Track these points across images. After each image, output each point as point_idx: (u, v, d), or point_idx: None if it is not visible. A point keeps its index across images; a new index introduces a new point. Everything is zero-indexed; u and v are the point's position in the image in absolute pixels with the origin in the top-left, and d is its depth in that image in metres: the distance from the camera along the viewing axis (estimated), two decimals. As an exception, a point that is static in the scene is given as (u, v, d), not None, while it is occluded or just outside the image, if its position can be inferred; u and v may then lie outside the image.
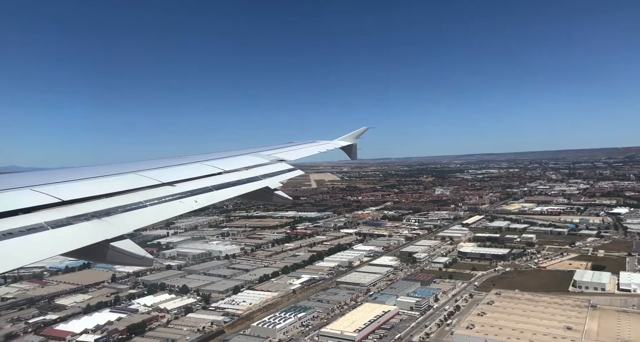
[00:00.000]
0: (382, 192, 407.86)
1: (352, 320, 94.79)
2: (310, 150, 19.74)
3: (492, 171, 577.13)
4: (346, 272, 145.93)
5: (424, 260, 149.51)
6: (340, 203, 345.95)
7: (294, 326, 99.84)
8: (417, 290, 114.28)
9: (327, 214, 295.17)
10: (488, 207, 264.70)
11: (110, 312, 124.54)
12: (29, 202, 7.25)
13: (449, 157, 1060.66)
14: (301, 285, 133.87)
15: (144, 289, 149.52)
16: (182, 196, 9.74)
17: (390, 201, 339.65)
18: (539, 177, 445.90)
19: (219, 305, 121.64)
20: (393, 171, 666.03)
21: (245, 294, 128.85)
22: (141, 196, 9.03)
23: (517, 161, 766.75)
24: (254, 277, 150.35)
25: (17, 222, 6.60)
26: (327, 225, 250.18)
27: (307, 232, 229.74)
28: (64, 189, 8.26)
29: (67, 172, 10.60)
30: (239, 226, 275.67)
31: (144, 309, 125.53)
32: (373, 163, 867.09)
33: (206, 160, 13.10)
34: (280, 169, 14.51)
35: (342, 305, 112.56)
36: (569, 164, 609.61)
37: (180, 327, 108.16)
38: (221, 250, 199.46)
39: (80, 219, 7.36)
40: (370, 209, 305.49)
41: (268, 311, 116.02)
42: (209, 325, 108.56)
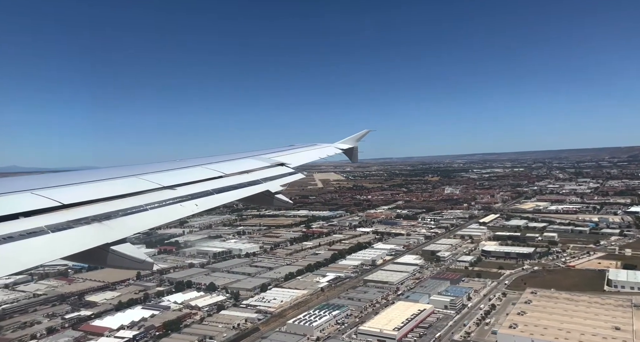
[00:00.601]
0: (391, 191, 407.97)
1: (389, 318, 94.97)
2: (311, 155, 19.54)
3: (497, 170, 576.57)
4: (371, 271, 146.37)
5: (448, 259, 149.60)
6: (350, 202, 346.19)
7: (329, 324, 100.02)
8: (448, 289, 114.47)
9: (340, 213, 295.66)
10: (501, 206, 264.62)
11: (142, 309, 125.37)
12: (30, 206, 7.23)
13: (451, 157, 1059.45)
14: (328, 283, 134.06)
15: (171, 286, 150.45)
16: (183, 199, 9.69)
17: (400, 200, 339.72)
18: (545, 177, 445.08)
19: (249, 302, 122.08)
20: (397, 170, 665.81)
21: (274, 292, 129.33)
22: (142, 200, 9.01)
23: (520, 161, 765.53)
24: (278, 275, 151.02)
25: (17, 225, 6.56)
26: (342, 224, 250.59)
27: (323, 231, 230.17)
28: (64, 193, 8.23)
29: (68, 175, 10.60)
30: (253, 224, 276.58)
31: (175, 306, 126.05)
32: (374, 163, 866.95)
33: (207, 164, 13.05)
34: (281, 173, 14.38)
35: (374, 303, 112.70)
36: (573, 164, 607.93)
37: (215, 324, 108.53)
38: (241, 248, 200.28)
39: (81, 223, 7.32)
40: (382, 208, 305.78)
41: (299, 308, 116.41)
42: (243, 322, 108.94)
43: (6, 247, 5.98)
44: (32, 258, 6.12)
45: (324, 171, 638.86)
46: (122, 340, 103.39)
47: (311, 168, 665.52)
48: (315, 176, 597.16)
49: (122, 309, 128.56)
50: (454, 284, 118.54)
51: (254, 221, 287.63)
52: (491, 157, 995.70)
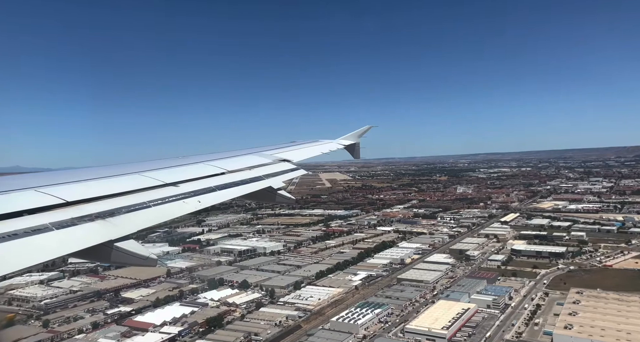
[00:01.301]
0: (402, 190, 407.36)
1: (434, 317, 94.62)
2: (313, 150, 19.33)
3: (504, 169, 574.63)
4: (401, 270, 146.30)
5: (478, 258, 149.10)
6: (363, 201, 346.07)
7: (373, 322, 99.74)
8: (488, 288, 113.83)
9: (355, 212, 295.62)
10: (518, 205, 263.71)
11: (180, 306, 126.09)
12: (34, 203, 7.20)
13: (454, 157, 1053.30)
14: (361, 282, 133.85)
15: (203, 284, 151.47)
16: (186, 196, 9.66)
17: (414, 199, 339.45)
18: (555, 176, 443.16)
19: (286, 300, 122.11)
20: (402, 170, 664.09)
21: (310, 290, 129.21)
22: (145, 197, 8.98)
23: (525, 161, 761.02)
24: (308, 273, 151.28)
25: (22, 223, 6.57)
26: (361, 223, 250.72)
27: (343, 230, 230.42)
28: (68, 190, 8.19)
29: (71, 173, 10.52)
30: (270, 223, 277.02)
31: (212, 303, 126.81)
32: (378, 163, 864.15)
33: (209, 161, 12.97)
34: (283, 169, 14.34)
35: (413, 302, 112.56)
36: (580, 163, 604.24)
37: (257, 321, 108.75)
38: (265, 246, 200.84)
39: (85, 220, 7.32)
40: (397, 207, 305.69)
41: (337, 306, 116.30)
42: (284, 320, 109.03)
43: (11, 244, 6.01)
44: (36, 255, 6.12)
45: (328, 170, 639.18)
46: (167, 335, 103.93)
47: (316, 168, 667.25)
48: (322, 175, 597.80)
49: (160, 305, 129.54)
50: (490, 283, 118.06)
51: (271, 220, 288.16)
52: (495, 157, 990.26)
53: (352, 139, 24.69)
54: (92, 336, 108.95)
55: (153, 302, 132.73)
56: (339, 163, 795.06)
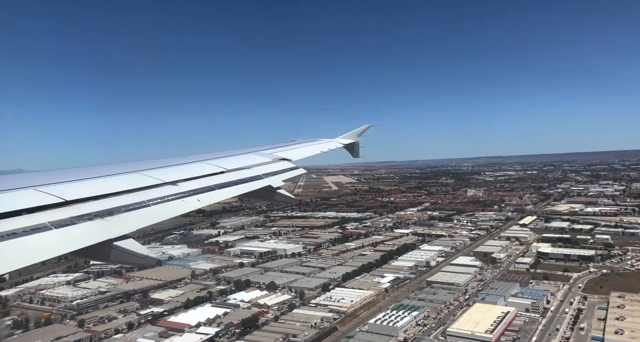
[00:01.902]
0: (411, 193, 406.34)
1: (474, 320, 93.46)
2: (312, 149, 19.05)
3: (509, 173, 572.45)
4: (427, 272, 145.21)
5: (504, 260, 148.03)
6: (374, 204, 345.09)
7: (411, 325, 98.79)
8: (524, 291, 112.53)
9: (369, 214, 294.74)
10: (533, 208, 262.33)
11: (212, 307, 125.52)
12: (33, 202, 7.17)
13: (457, 160, 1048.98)
14: (390, 284, 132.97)
15: (230, 285, 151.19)
16: (185, 195, 9.59)
17: (426, 202, 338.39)
18: (563, 179, 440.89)
19: (318, 302, 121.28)
20: (407, 173, 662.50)
21: (339, 292, 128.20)
22: (144, 196, 8.92)
23: (529, 164, 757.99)
24: (334, 275, 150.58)
25: (21, 222, 6.54)
26: (376, 225, 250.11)
27: (360, 232, 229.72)
28: (67, 189, 8.13)
29: (70, 172, 10.43)
30: (285, 225, 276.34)
31: (243, 304, 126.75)
32: (380, 166, 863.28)
33: (208, 160, 12.88)
34: (282, 168, 14.19)
35: (447, 305, 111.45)
36: (585, 167, 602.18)
37: (292, 323, 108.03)
38: (285, 248, 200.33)
39: (84, 219, 7.28)
40: (410, 210, 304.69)
41: (369, 308, 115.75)
42: (319, 321, 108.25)
43: (10, 243, 5.98)
44: (35, 254, 6.09)
45: (332, 173, 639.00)
46: (205, 336, 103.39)
47: (319, 171, 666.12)
48: (326, 178, 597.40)
49: (191, 306, 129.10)
50: (523, 287, 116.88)
51: (285, 222, 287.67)
52: (497, 160, 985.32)
53: (352, 138, 24.51)
54: (130, 336, 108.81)
55: (183, 303, 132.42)
56: (342, 166, 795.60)
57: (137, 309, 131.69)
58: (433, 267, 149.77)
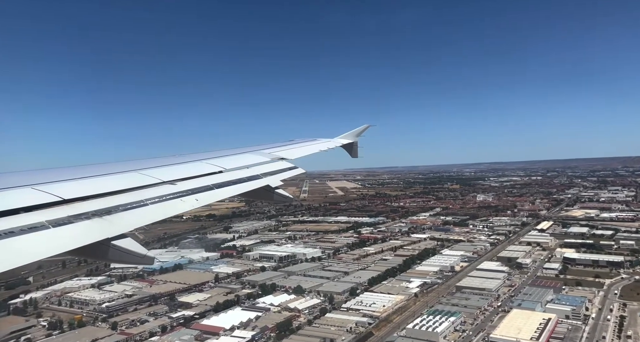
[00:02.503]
0: (420, 198, 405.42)
1: (516, 327, 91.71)
2: (311, 148, 18.78)
3: (514, 178, 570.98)
4: (453, 277, 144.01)
5: (530, 266, 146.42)
6: (384, 209, 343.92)
7: (449, 330, 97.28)
8: (560, 297, 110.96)
9: (381, 219, 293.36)
10: (547, 214, 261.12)
11: (242, 311, 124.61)
12: (30, 201, 7.07)
13: (458, 166, 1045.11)
14: (418, 289, 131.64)
15: (256, 289, 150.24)
16: (183, 194, 9.49)
17: (437, 207, 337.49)
18: (570, 185, 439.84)
19: (349, 306, 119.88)
20: (410, 178, 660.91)
21: (369, 296, 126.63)
22: (142, 195, 8.82)
23: (531, 169, 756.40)
24: (359, 279, 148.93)
25: (18, 221, 6.44)
26: (391, 230, 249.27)
27: (376, 237, 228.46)
28: (65, 188, 8.01)
29: (68, 170, 10.31)
30: (299, 230, 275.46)
31: (274, 308, 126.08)
32: (382, 171, 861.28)
33: (207, 159, 12.75)
34: (281, 168, 14.08)
35: (483, 310, 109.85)
36: (589, 173, 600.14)
37: (327, 327, 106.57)
38: (304, 252, 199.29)
39: (82, 218, 7.17)
40: (422, 214, 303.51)
41: (402, 313, 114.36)
42: (354, 326, 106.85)
43: (7, 242, 5.89)
44: (33, 253, 6.00)
45: (334, 179, 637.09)
46: (242, 340, 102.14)
47: (321, 176, 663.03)
48: (330, 183, 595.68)
49: (220, 310, 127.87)
50: (556, 293, 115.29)
51: (298, 227, 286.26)
52: (499, 166, 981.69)
53: (351, 138, 24.35)
54: (166, 338, 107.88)
55: (213, 306, 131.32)
56: (343, 171, 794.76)
57: (166, 312, 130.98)
58: (458, 272, 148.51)
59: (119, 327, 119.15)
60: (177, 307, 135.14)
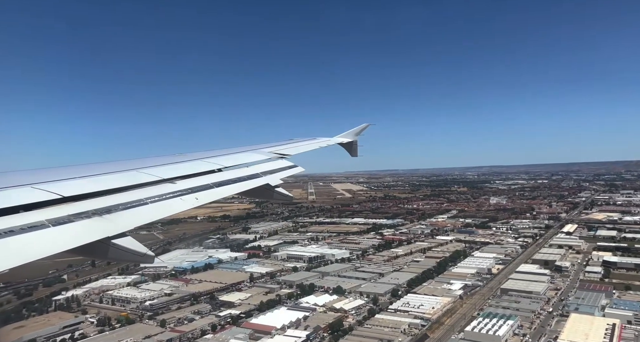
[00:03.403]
0: (431, 201, 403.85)
1: (582, 332, 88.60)
2: (310, 146, 18.86)
3: (520, 181, 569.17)
4: (492, 279, 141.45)
5: (570, 269, 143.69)
6: (399, 211, 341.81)
7: (509, 334, 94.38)
8: (617, 302, 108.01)
9: (399, 221, 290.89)
10: (567, 217, 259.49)
11: (288, 310, 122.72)
12: (30, 200, 7.00)
13: (459, 169, 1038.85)
14: (462, 291, 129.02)
15: (294, 289, 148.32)
16: (183, 193, 9.41)
17: (452, 210, 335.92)
18: (578, 188, 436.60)
19: (396, 307, 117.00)
20: (414, 181, 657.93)
21: (414, 298, 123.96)
22: (142, 193, 8.73)
23: (533, 173, 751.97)
24: (397, 281, 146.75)
25: (18, 219, 6.38)
26: (413, 232, 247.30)
27: (401, 239, 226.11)
28: (64, 187, 7.92)
29: (68, 169, 10.21)
30: (319, 231, 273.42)
31: (319, 308, 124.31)
32: (383, 174, 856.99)
33: (206, 158, 12.64)
34: (280, 166, 14.00)
35: (537, 314, 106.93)
36: (594, 176, 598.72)
37: (380, 328, 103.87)
38: (333, 253, 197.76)
39: (81, 217, 7.09)
40: (439, 217, 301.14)
41: (452, 316, 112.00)
42: (407, 327, 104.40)
43: (7, 240, 5.81)
44: (33, 252, 5.91)
45: (337, 181, 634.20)
46: (298, 339, 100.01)
47: (324, 178, 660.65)
48: (335, 185, 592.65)
49: (264, 309, 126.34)
50: (608, 297, 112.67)
51: (317, 228, 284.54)
52: (500, 169, 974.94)
53: (350, 137, 24.06)
54: (220, 336, 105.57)
55: (257, 305, 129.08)
56: (345, 174, 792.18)
57: (210, 311, 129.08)
58: (496, 275, 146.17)
59: (167, 325, 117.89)
60: (219, 306, 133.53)
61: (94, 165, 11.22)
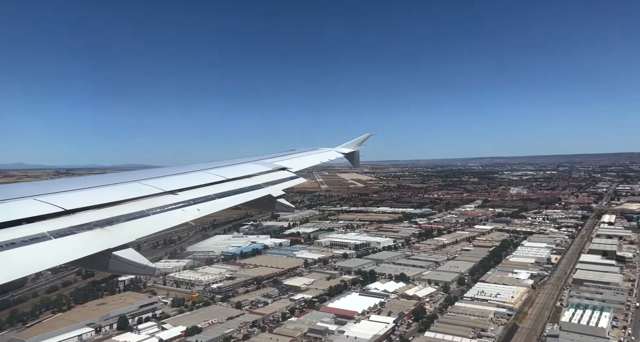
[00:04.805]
0: (448, 191, 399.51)
1: None
2: (312, 160, 18.39)
3: (529, 173, 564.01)
4: (555, 269, 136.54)
5: (635, 260, 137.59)
6: (421, 201, 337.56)
7: (609, 326, 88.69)
8: None
9: (427, 210, 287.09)
10: (598, 207, 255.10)
11: (359, 296, 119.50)
12: (32, 212, 6.80)
13: (460, 160, 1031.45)
14: (532, 280, 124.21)
15: (351, 275, 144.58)
16: (185, 204, 9.16)
17: (476, 199, 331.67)
18: (591, 179, 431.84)
19: (473, 296, 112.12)
20: (421, 172, 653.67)
21: (486, 286, 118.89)
22: (144, 205, 8.49)
23: (536, 165, 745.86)
24: (456, 269, 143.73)
25: (20, 231, 6.17)
26: (447, 221, 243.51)
27: (439, 227, 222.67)
28: (67, 199, 7.71)
29: (70, 181, 10.05)
30: (350, 219, 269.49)
31: (393, 295, 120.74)
32: (386, 164, 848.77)
33: (208, 169, 12.34)
34: (282, 177, 13.71)
35: (626, 306, 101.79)
36: (601, 168, 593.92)
37: (466, 316, 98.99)
38: (378, 241, 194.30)
39: (83, 228, 6.90)
40: (466, 206, 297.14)
41: (531, 305, 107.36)
42: (493, 316, 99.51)
43: (9, 253, 5.65)
44: (35, 264, 5.77)
45: (342, 171, 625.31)
46: (385, 325, 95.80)
47: (326, 168, 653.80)
48: (342, 175, 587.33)
49: (334, 294, 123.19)
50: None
51: (346, 216, 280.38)
52: (501, 160, 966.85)
53: (352, 147, 23.82)
54: (304, 319, 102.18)
55: (325, 290, 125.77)
56: (347, 164, 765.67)
57: (279, 295, 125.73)
58: (556, 265, 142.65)
59: (242, 308, 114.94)
60: (286, 290, 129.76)
61: (95, 176, 11.11)
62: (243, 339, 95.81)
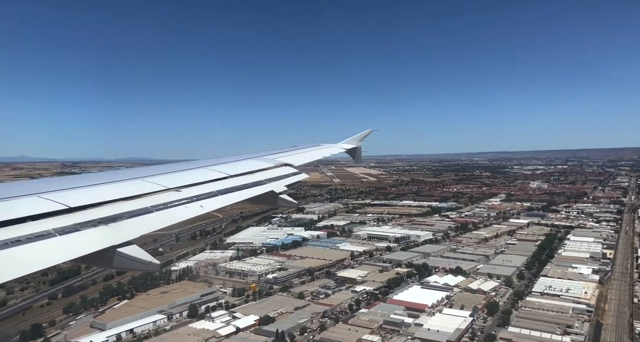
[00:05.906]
0: (466, 184, 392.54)
1: None
2: (314, 154, 17.85)
3: (540, 167, 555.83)
4: (614, 265, 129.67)
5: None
6: (443, 194, 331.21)
7: None
8: None
9: (453, 204, 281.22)
10: (630, 201, 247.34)
11: (421, 289, 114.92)
12: (37, 210, 6.67)
13: (465, 155, 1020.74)
14: (597, 276, 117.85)
15: (406, 268, 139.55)
16: (188, 201, 8.83)
17: (500, 193, 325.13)
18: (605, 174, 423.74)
19: (542, 291, 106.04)
20: (430, 166, 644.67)
21: (550, 281, 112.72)
22: (147, 202, 8.22)
23: (543, 159, 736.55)
24: (509, 263, 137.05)
25: (25, 229, 6.11)
26: (479, 214, 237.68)
27: (474, 221, 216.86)
28: (71, 196, 7.52)
29: (74, 179, 9.85)
30: (378, 212, 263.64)
31: (455, 289, 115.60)
32: (390, 159, 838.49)
33: (211, 165, 11.96)
34: (284, 173, 13.17)
35: None
36: (611, 162, 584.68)
37: (543, 311, 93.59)
38: (418, 234, 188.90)
39: (87, 226, 6.75)
40: (491, 200, 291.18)
41: (605, 302, 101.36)
42: (571, 313, 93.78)
43: (15, 250, 5.62)
44: (40, 261, 5.69)
45: (349, 165, 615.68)
46: (463, 319, 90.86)
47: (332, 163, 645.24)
48: (350, 170, 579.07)
49: (393, 286, 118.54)
50: None
51: (373, 210, 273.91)
52: (505, 155, 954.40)
53: (354, 143, 23.38)
54: (375, 310, 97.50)
55: (383, 282, 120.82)
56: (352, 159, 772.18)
57: (337, 286, 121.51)
58: (613, 260, 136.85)
59: (305, 298, 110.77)
60: (341, 282, 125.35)
61: (99, 174, 11.04)
62: (319, 329, 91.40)
